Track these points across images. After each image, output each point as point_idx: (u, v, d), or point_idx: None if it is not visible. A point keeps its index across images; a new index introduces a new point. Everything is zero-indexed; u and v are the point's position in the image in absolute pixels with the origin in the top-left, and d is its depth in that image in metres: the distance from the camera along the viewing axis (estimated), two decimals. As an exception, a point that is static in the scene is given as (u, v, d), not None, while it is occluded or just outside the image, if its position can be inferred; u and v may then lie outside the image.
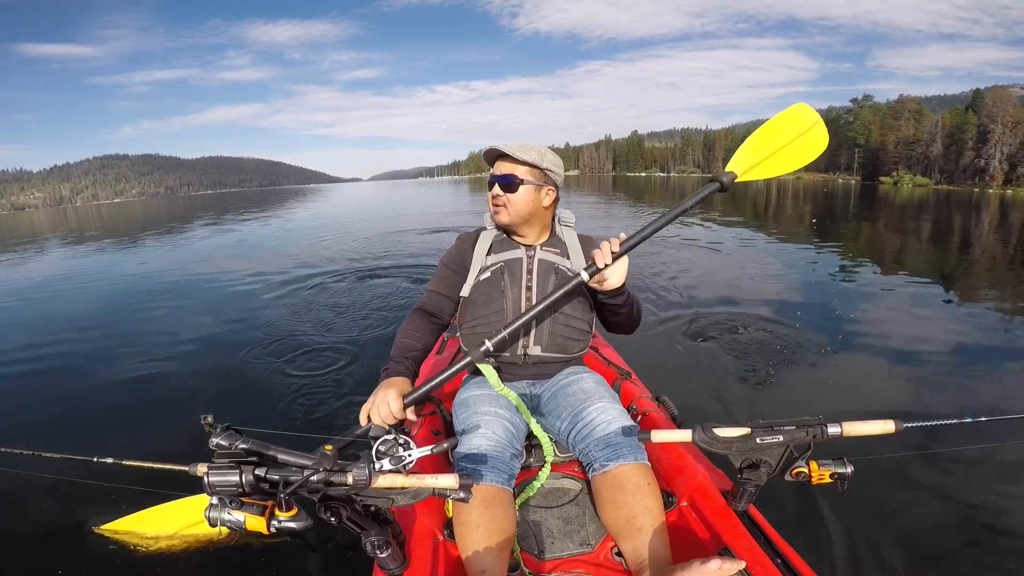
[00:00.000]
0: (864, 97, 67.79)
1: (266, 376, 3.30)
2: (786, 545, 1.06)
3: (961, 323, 4.21)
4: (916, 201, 23.95)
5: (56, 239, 16.55)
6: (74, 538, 1.86)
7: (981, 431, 1.18)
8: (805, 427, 1.07)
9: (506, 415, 1.32)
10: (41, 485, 1.94)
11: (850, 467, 1.07)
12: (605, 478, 1.18)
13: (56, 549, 1.83)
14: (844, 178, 63.77)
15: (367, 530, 0.98)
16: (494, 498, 1.13)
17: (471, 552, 1.07)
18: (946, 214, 16.30)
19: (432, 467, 1.26)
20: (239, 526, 0.84)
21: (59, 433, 2.77)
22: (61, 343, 4.39)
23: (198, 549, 1.68)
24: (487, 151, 1.44)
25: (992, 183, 46.00)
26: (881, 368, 3.31)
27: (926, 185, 50.05)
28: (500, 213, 1.44)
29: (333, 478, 0.87)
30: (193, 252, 10.81)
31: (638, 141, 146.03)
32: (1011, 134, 47.11)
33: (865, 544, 1.67)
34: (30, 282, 7.89)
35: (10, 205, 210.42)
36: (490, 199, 1.44)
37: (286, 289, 5.99)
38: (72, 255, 11.72)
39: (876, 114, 64.28)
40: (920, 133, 56.55)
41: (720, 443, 1.10)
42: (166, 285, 6.87)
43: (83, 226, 24.23)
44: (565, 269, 1.46)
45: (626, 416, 1.29)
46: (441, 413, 1.60)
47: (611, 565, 1.16)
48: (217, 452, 0.84)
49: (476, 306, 1.44)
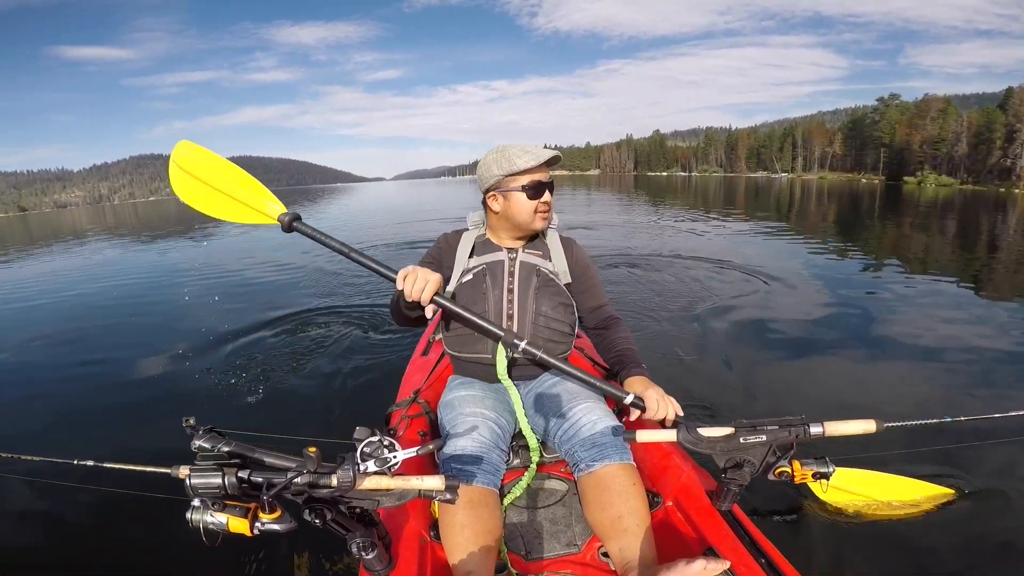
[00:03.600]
0: (890, 96, 67.38)
1: (251, 377, 3.31)
2: (770, 545, 1.06)
3: (974, 324, 4.15)
4: (940, 201, 23.59)
5: (88, 237, 16.73)
6: (53, 540, 1.87)
7: (962, 430, 1.17)
8: (788, 427, 1.08)
9: (492, 416, 1.33)
10: (20, 488, 1.96)
11: (832, 467, 1.07)
12: (591, 478, 1.19)
13: (37, 552, 1.84)
14: (868, 178, 63.22)
15: (352, 532, 0.98)
16: (480, 499, 1.14)
17: (457, 553, 1.08)
18: (967, 215, 15.98)
19: (418, 468, 1.27)
20: (222, 528, 0.85)
21: (38, 436, 2.77)
22: (39, 346, 4.43)
23: (181, 551, 1.68)
24: (551, 159, 1.39)
25: (1019, 182, 45.09)
26: (873, 368, 3.26)
27: (951, 185, 49.26)
28: (546, 219, 1.45)
29: (317, 480, 0.88)
30: (202, 251, 10.91)
31: (660, 140, 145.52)
32: (1039, 134, 46.28)
33: (847, 543, 1.66)
34: (17, 283, 7.96)
35: (53, 203, 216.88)
36: (540, 207, 1.41)
37: (278, 287, 6.05)
38: (89, 254, 11.86)
39: (903, 113, 63.66)
40: (945, 132, 55.70)
41: (704, 443, 1.11)
42: (165, 284, 6.97)
43: (120, 223, 24.49)
44: (547, 271, 1.47)
45: (611, 416, 1.29)
46: (427, 414, 1.61)
47: (598, 565, 1.16)
48: (200, 454, 0.85)
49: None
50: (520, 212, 1.41)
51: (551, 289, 1.45)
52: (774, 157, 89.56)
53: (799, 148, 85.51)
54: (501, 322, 1.40)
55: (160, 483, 0.95)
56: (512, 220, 1.44)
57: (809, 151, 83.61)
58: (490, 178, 1.41)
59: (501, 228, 1.49)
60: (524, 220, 1.43)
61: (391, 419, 1.60)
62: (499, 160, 1.39)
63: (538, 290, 1.43)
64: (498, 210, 1.44)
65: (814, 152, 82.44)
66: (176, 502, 0.88)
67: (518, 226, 1.45)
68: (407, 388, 1.80)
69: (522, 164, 1.36)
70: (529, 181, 1.39)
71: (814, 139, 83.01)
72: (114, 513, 1.84)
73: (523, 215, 1.42)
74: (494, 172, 1.40)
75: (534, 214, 1.42)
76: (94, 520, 1.85)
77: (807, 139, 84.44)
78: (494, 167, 1.40)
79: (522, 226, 1.45)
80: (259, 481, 0.87)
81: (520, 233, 1.48)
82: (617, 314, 1.52)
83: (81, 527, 1.89)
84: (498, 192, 1.42)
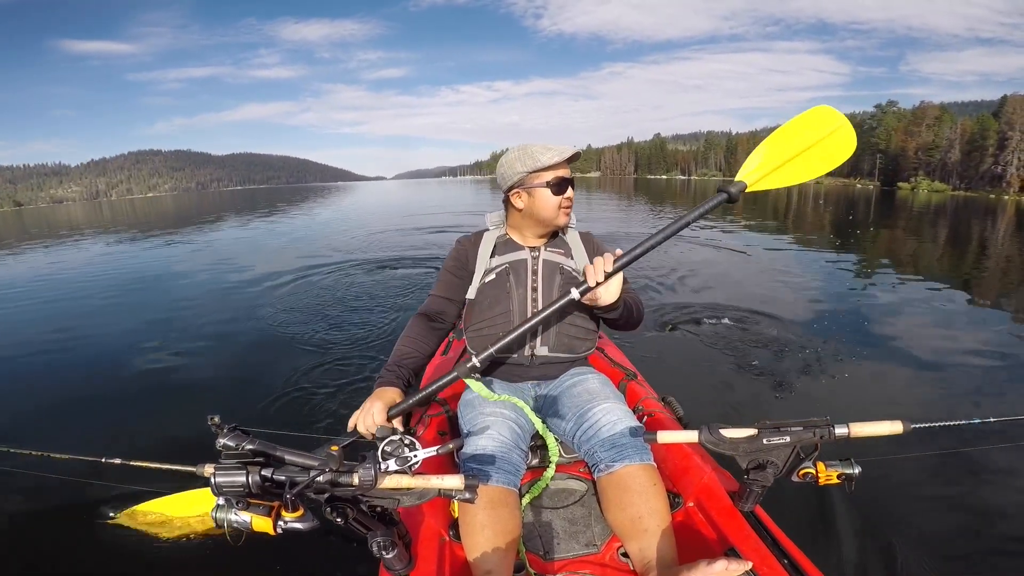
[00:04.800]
0: (888, 103, 67.90)
1: (273, 375, 3.32)
2: (793, 546, 1.06)
3: (975, 327, 4.17)
4: (932, 206, 23.83)
5: (88, 234, 16.65)
6: (82, 537, 1.87)
7: (990, 432, 1.17)
8: (812, 428, 1.06)
9: (512, 416, 1.32)
10: (50, 486, 1.95)
11: (858, 468, 1.06)
12: (611, 479, 1.18)
13: (65, 548, 1.85)
14: (863, 183, 64.02)
15: (373, 531, 0.98)
16: (500, 499, 1.13)
17: (477, 553, 1.07)
18: (957, 220, 16.20)
19: (438, 468, 1.26)
20: (245, 527, 0.84)
21: (67, 433, 2.78)
22: (69, 341, 4.42)
23: (205, 550, 1.68)
24: (572, 156, 1.38)
25: (1009, 189, 45.73)
26: (892, 370, 3.28)
27: (943, 191, 49.97)
28: (568, 215, 1.46)
29: (339, 479, 0.87)
30: (218, 249, 10.82)
31: (660, 144, 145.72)
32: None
33: (873, 545, 1.65)
34: (41, 278, 7.94)
35: (49, 198, 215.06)
36: (564, 203, 1.41)
37: (298, 284, 6.04)
38: (100, 250, 11.77)
39: (900, 120, 64.33)
40: (939, 139, 56.34)
41: (726, 444, 1.09)
42: (179, 283, 6.93)
43: (117, 221, 24.30)
44: (570, 269, 1.47)
45: (631, 417, 1.29)
46: (447, 414, 1.60)
47: (617, 566, 1.15)
48: (224, 452, 0.84)
49: (482, 309, 1.44)
50: (545, 208, 1.41)
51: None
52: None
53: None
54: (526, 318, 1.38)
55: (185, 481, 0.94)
56: (536, 216, 1.43)
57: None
58: (513, 175, 1.41)
59: (525, 226, 1.48)
60: (549, 216, 1.42)
61: (411, 418, 1.59)
62: (522, 157, 1.38)
63: (562, 288, 1.42)
64: (522, 207, 1.44)
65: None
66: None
67: (542, 222, 1.45)
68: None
69: (546, 160, 1.36)
70: (553, 177, 1.39)
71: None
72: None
73: (548, 211, 1.41)
74: (518, 169, 1.39)
75: (558, 209, 1.42)
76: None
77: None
78: (517, 164, 1.39)
79: (546, 222, 1.44)
80: (282, 479, 0.86)
81: (544, 230, 1.48)
82: (636, 293, 1.49)
83: (108, 525, 1.88)
84: (522, 189, 1.41)
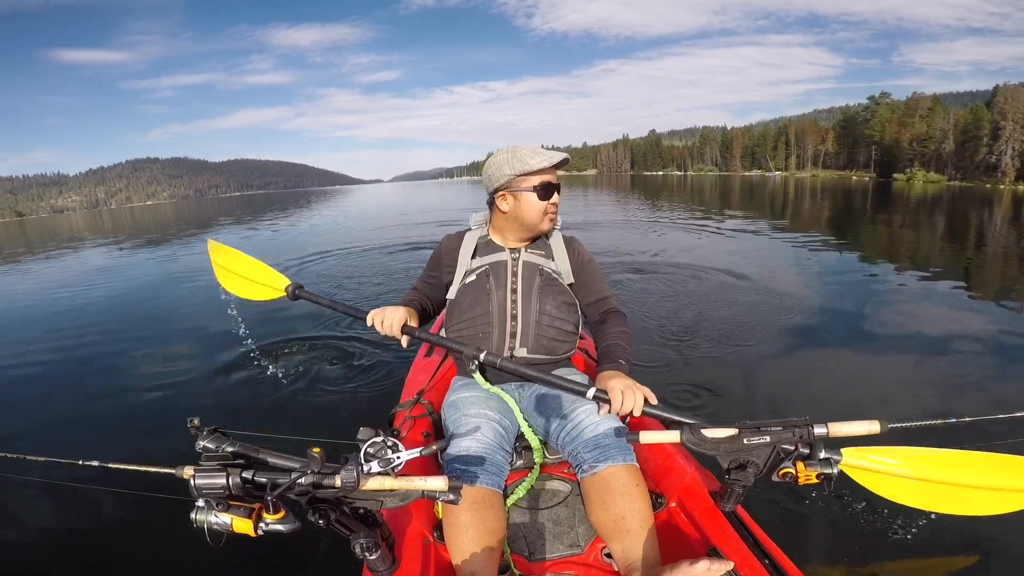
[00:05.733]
0: (881, 95, 67.98)
1: (253, 378, 3.31)
2: (773, 545, 1.06)
3: (964, 322, 4.15)
4: (929, 197, 23.80)
5: (89, 243, 16.75)
6: (58, 540, 1.87)
7: (966, 430, 1.18)
8: (792, 428, 1.07)
9: (496, 417, 1.33)
10: (26, 488, 1.96)
11: (836, 468, 1.07)
12: (594, 479, 1.18)
13: (40, 551, 1.84)
14: (859, 175, 64.02)
15: (356, 532, 0.98)
16: (484, 500, 1.14)
17: (461, 554, 1.08)
18: (955, 210, 16.18)
19: (421, 469, 1.27)
20: (226, 528, 0.85)
21: (45, 437, 2.77)
22: (48, 348, 4.44)
23: (185, 552, 1.67)
24: (561, 161, 1.38)
25: (1004, 179, 45.89)
26: (876, 366, 3.27)
27: (939, 182, 49.89)
28: (553, 221, 1.47)
29: (321, 481, 0.88)
30: (201, 256, 10.89)
31: (656, 140, 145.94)
32: (1022, 131, 46.77)
33: (851, 544, 1.66)
34: (30, 286, 7.98)
35: (50, 208, 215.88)
36: (549, 208, 1.43)
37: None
38: (97, 258, 11.84)
39: (893, 111, 64.34)
40: (933, 130, 56.38)
41: (708, 444, 1.10)
42: (167, 290, 6.97)
43: (119, 229, 24.42)
44: (550, 271, 1.47)
45: (614, 417, 1.29)
46: (430, 415, 1.61)
47: (601, 566, 1.16)
48: (204, 455, 0.85)
49: (462, 309, 1.45)
50: (530, 212, 1.42)
51: (554, 288, 1.45)
52: (768, 155, 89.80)
53: (792, 146, 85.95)
54: (505, 322, 1.41)
55: (165, 483, 0.95)
56: (521, 220, 1.44)
57: (802, 149, 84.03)
58: (501, 177, 1.41)
59: (508, 228, 1.49)
60: (533, 220, 1.43)
61: (395, 420, 1.60)
62: (510, 160, 1.39)
63: (541, 289, 1.44)
64: (507, 210, 1.44)
65: (807, 150, 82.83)
66: (180, 502, 0.88)
67: (526, 226, 1.45)
68: (411, 389, 1.80)
69: (535, 164, 1.37)
70: (540, 182, 1.40)
71: (807, 137, 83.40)
72: (119, 513, 1.84)
73: (532, 215, 1.42)
74: (505, 172, 1.40)
75: (543, 215, 1.43)
76: (99, 520, 1.86)
77: (800, 137, 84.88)
78: (505, 167, 1.40)
79: (530, 226, 1.45)
80: (263, 481, 0.87)
81: (527, 234, 1.49)
82: (620, 308, 1.51)
83: (85, 527, 1.89)
84: (508, 192, 1.42)
